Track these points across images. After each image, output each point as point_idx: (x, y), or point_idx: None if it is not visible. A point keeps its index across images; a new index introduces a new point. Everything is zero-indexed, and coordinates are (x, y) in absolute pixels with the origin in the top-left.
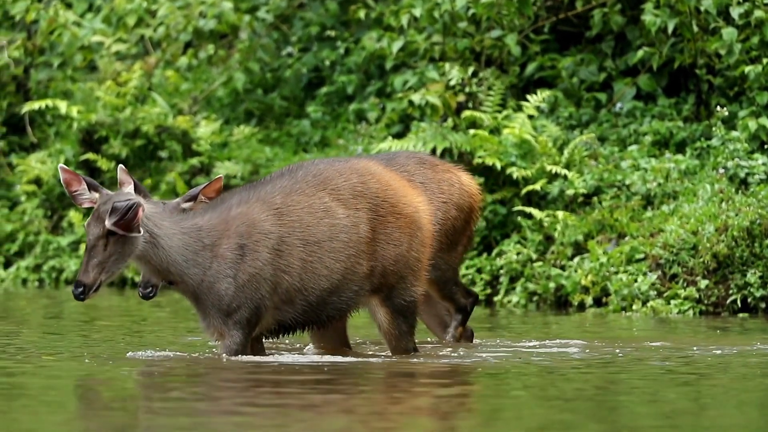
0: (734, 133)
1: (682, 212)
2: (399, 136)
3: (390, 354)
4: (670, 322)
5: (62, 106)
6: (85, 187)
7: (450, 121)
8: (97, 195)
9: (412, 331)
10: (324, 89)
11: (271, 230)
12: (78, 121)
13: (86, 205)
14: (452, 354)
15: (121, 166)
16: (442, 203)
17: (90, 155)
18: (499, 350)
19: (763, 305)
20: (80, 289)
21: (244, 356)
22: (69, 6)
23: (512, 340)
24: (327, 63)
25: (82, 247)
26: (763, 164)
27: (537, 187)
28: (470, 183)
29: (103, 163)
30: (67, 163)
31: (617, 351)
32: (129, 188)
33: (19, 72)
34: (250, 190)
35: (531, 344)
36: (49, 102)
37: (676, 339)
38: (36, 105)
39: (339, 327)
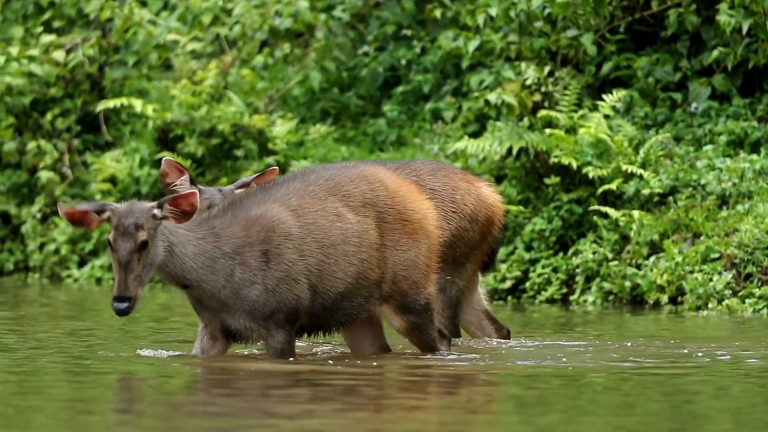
0: None
1: (756, 212)
2: (475, 135)
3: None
4: (745, 322)
5: (137, 104)
6: (95, 215)
7: (526, 121)
8: (106, 213)
9: (433, 326)
10: (400, 88)
11: (291, 231)
12: (153, 119)
13: (95, 226)
14: (528, 355)
15: (167, 158)
16: (451, 212)
17: (165, 154)
18: (573, 350)
19: None
20: (125, 304)
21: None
22: (144, 4)
23: (587, 340)
24: (403, 62)
25: None
26: None
27: (613, 186)
28: (490, 195)
29: (178, 162)
30: (142, 161)
31: (693, 351)
32: (181, 179)
33: (93, 70)
34: (265, 192)
35: (606, 344)
36: (124, 100)
37: (750, 339)
38: (111, 103)
39: (375, 331)
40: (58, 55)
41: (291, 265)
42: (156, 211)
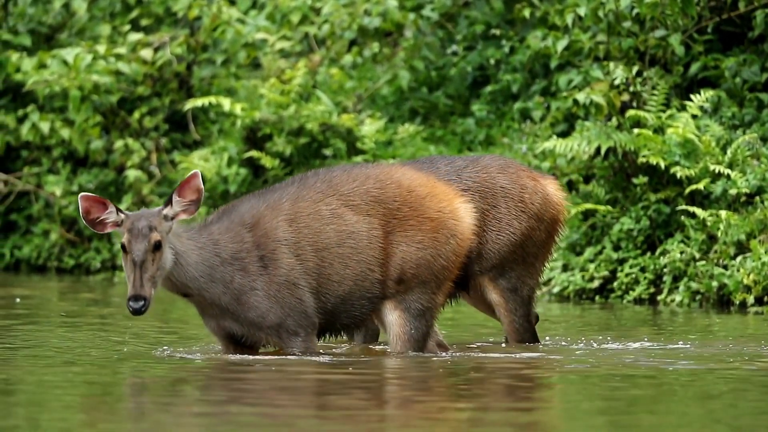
0: None
1: None
2: (563, 135)
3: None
4: None
5: (225, 103)
6: (113, 209)
7: (614, 120)
8: (122, 216)
9: (422, 341)
10: (489, 88)
11: (284, 236)
12: (241, 118)
13: (109, 230)
14: (606, 356)
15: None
16: (520, 212)
17: (254, 153)
18: (658, 351)
19: None
20: (141, 303)
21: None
22: (232, 2)
23: (671, 341)
24: (492, 61)
25: None
26: None
27: (700, 186)
28: (555, 193)
29: (266, 161)
30: (230, 160)
31: None
32: None
33: (181, 69)
34: (259, 197)
35: (691, 345)
36: (213, 99)
37: None
38: (199, 102)
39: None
40: (146, 53)
41: (289, 269)
42: (166, 211)
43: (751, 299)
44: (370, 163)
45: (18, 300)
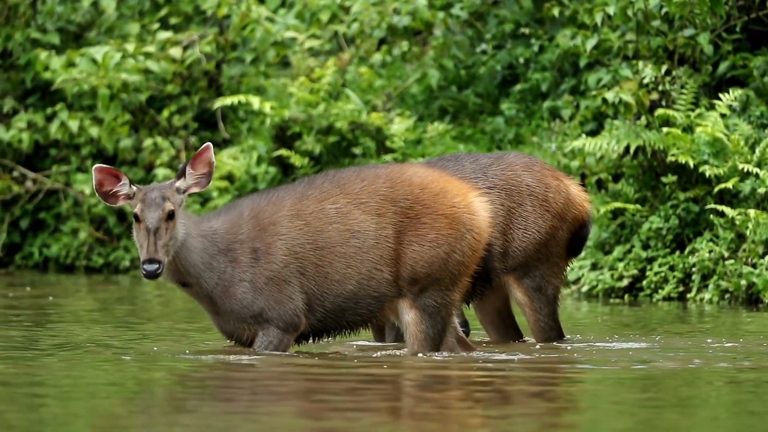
0: None
1: None
2: (593, 133)
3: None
4: None
5: (255, 101)
6: (126, 182)
7: (643, 119)
8: (135, 188)
9: (438, 339)
10: (518, 86)
11: (282, 232)
12: (271, 117)
13: (121, 202)
14: (635, 355)
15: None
16: (544, 210)
17: (283, 151)
18: (688, 349)
19: None
20: (156, 266)
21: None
22: (262, 1)
23: (701, 339)
24: (521, 60)
25: None
26: None
27: (729, 185)
28: (578, 194)
29: (296, 160)
30: (259, 159)
31: None
32: None
33: (210, 67)
34: (265, 194)
35: (721, 343)
36: (242, 98)
37: None
38: (228, 101)
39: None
40: (175, 51)
41: (283, 266)
42: (179, 183)
43: None
44: (388, 163)
45: (51, 298)
